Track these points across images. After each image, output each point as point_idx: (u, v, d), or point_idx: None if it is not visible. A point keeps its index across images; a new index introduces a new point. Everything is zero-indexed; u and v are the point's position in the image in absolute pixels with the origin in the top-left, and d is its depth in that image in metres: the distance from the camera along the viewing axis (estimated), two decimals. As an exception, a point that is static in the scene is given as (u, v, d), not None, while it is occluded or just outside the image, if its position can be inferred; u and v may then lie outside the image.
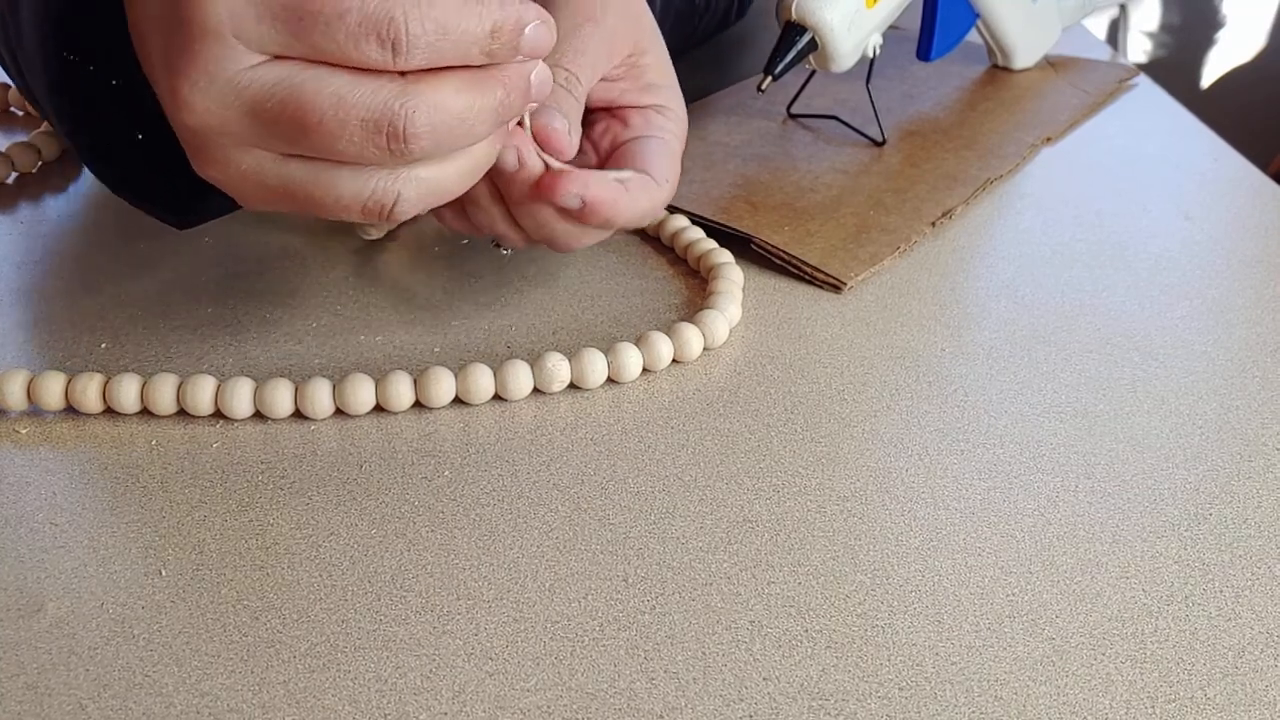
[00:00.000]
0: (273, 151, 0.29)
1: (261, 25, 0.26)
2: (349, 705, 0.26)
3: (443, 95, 0.28)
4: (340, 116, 0.27)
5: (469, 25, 0.27)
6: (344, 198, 0.29)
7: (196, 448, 0.35)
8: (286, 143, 0.28)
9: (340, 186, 0.29)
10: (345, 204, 0.29)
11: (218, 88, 0.27)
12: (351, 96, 0.27)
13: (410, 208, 0.30)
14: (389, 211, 0.30)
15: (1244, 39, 1.71)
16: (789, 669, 0.27)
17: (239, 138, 0.28)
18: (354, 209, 0.29)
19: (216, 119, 0.28)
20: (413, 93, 0.27)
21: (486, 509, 0.33)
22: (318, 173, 0.29)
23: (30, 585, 0.30)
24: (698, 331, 0.39)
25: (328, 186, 0.29)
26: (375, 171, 0.29)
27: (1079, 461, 0.35)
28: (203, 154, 0.29)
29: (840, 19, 0.50)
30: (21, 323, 0.41)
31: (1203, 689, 0.27)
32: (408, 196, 0.29)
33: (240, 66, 0.27)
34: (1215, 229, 0.50)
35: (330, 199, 0.29)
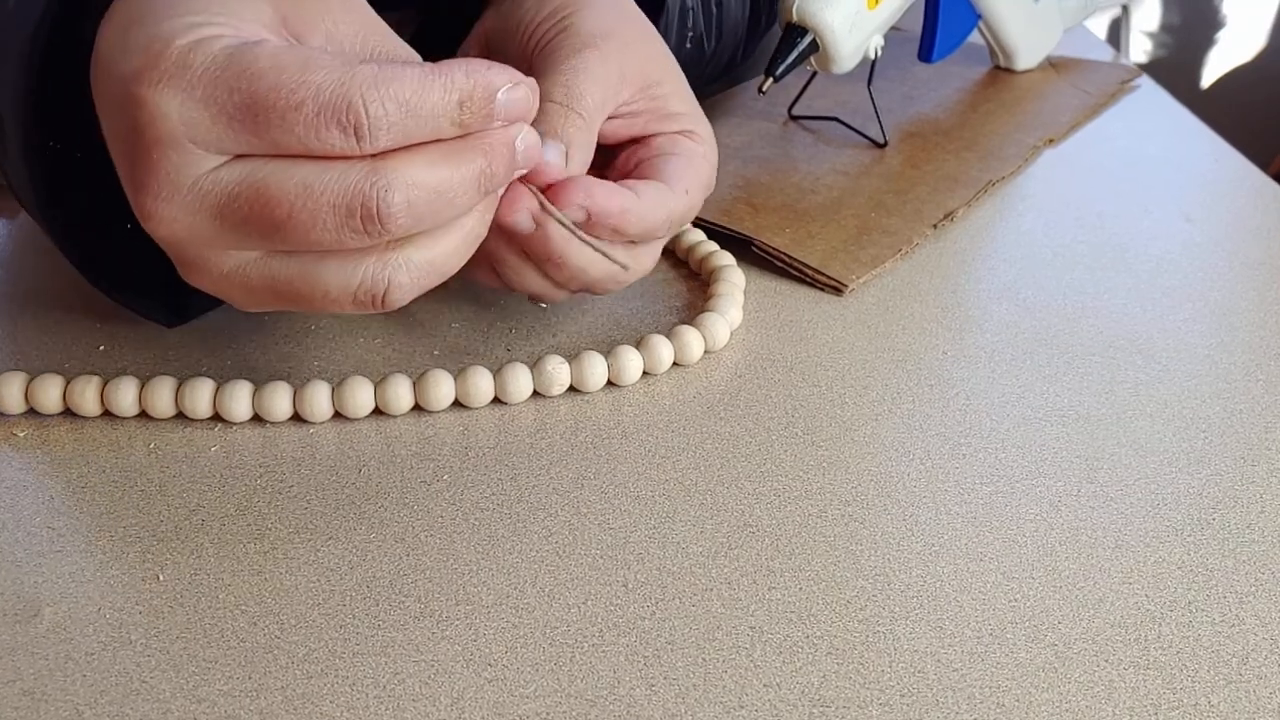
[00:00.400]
0: (251, 251, 0.28)
1: (216, 127, 0.26)
2: (347, 711, 0.26)
3: (415, 171, 0.27)
4: (310, 206, 0.26)
5: (434, 99, 0.26)
6: (331, 291, 0.28)
7: (195, 451, 0.35)
8: (261, 240, 0.27)
9: (327, 279, 0.28)
10: (334, 298, 0.28)
11: (181, 196, 0.27)
12: (319, 184, 0.26)
13: (405, 294, 0.29)
14: (382, 300, 0.29)
15: (1244, 39, 1.71)
16: (790, 675, 0.27)
17: (212, 242, 0.27)
18: (344, 302, 0.28)
19: (184, 227, 0.27)
20: (383, 171, 0.26)
21: (485, 513, 0.32)
22: (302, 267, 0.28)
23: (27, 590, 0.29)
24: (698, 334, 0.39)
25: (313, 281, 0.28)
26: (363, 259, 0.28)
27: (1081, 465, 0.35)
28: (183, 263, 0.29)
29: (841, 20, 0.50)
30: (19, 325, 0.41)
31: (1206, 695, 0.27)
32: (400, 282, 0.28)
33: (200, 171, 0.26)
34: (1217, 231, 0.49)
35: (318, 294, 0.28)
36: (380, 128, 0.26)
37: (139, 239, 0.33)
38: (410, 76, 0.26)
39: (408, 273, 0.28)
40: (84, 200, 0.35)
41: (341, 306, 0.29)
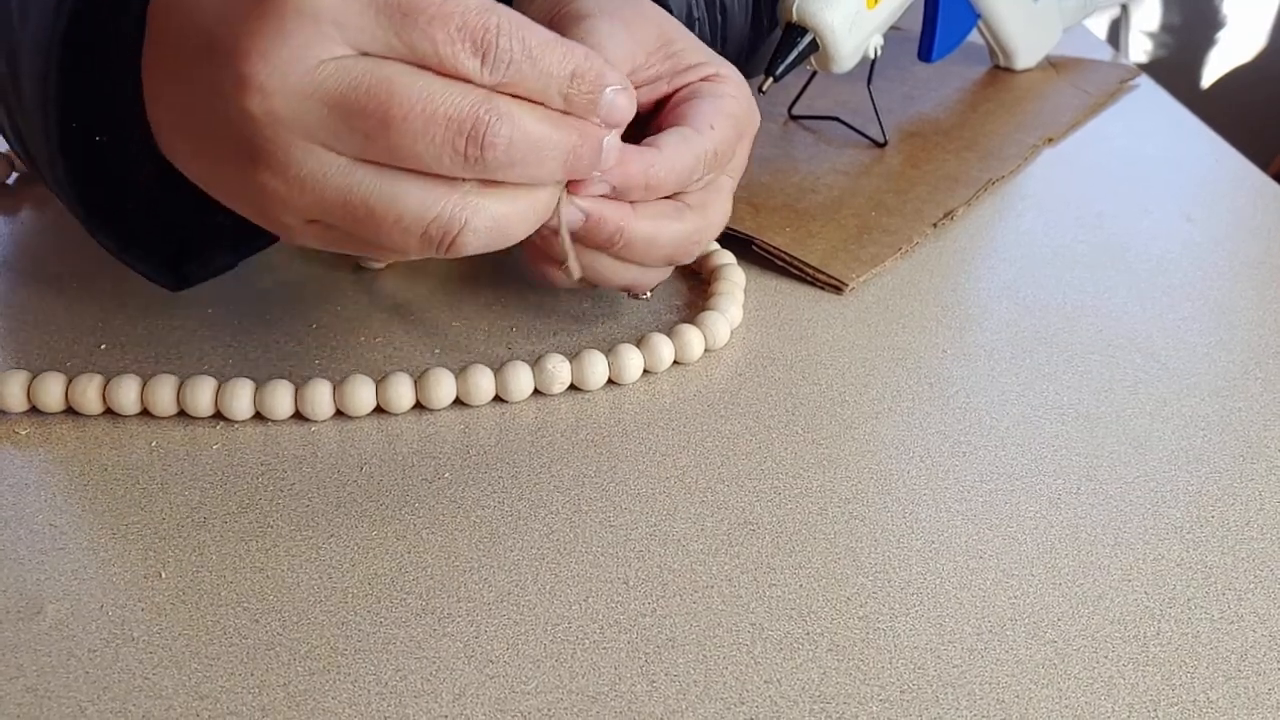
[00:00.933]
0: (341, 153, 0.28)
1: (364, 16, 0.26)
2: (349, 708, 0.26)
3: (523, 115, 0.28)
4: (427, 113, 0.27)
5: (554, 59, 0.28)
6: (406, 217, 0.28)
7: (196, 449, 0.35)
8: (362, 139, 0.27)
9: (406, 202, 0.28)
10: (407, 224, 0.28)
11: (299, 74, 0.26)
12: (440, 95, 0.27)
13: (475, 240, 0.29)
14: (451, 240, 0.29)
15: (1244, 39, 1.71)
16: (790, 672, 0.27)
17: (309, 132, 0.27)
18: (415, 231, 0.28)
19: (288, 108, 0.27)
20: (498, 102, 0.28)
21: (487, 511, 0.32)
22: (386, 184, 0.28)
23: (30, 587, 0.30)
24: (699, 333, 0.39)
25: (392, 200, 0.28)
26: (447, 194, 0.28)
27: (1081, 463, 0.35)
28: (261, 154, 0.28)
29: (841, 20, 0.50)
30: (21, 323, 0.41)
31: (1205, 692, 0.27)
32: (475, 227, 0.29)
33: (328, 55, 0.27)
34: (1216, 230, 0.50)
35: (392, 216, 0.28)
36: (504, 60, 0.27)
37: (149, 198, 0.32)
38: (541, 30, 0.28)
39: (483, 219, 0.29)
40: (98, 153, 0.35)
41: (408, 240, 0.29)
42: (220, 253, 0.38)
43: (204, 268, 0.38)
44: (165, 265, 0.38)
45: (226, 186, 0.30)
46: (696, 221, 0.36)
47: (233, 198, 0.31)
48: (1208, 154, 0.58)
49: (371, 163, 0.28)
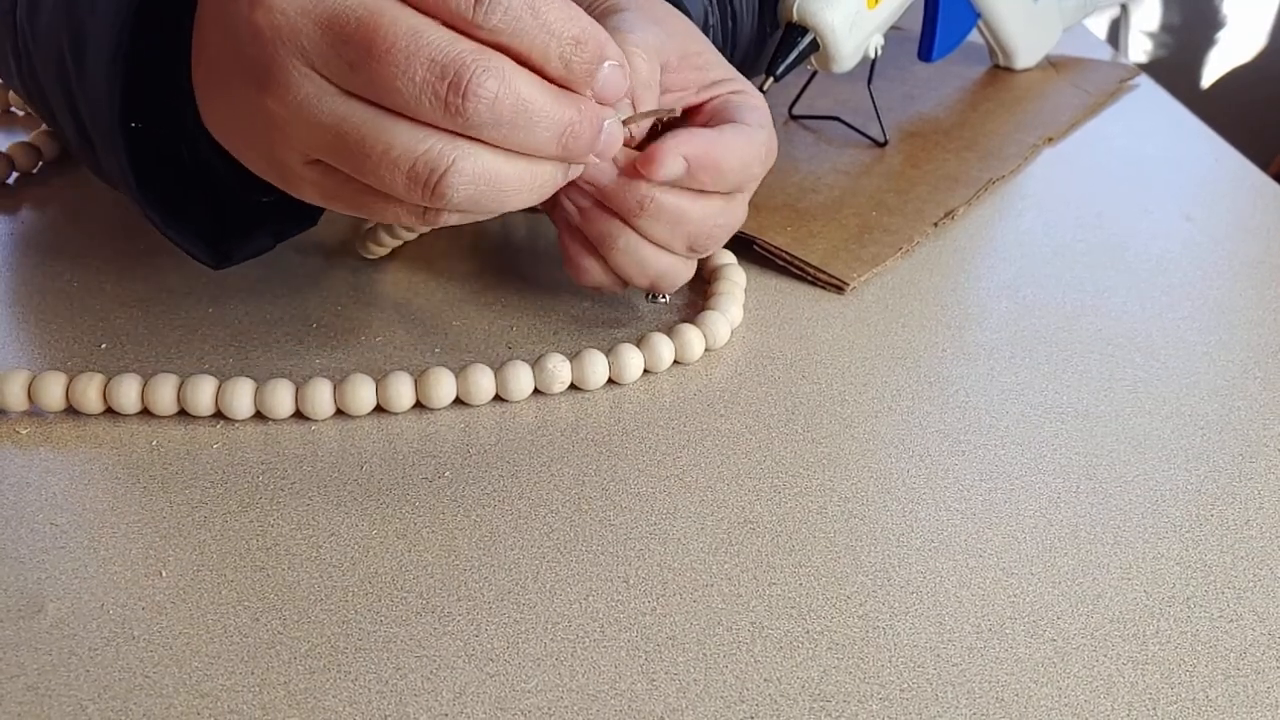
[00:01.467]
0: (332, 80, 0.28)
1: None
2: (349, 706, 0.26)
3: (517, 76, 0.28)
4: (411, 49, 0.26)
5: (558, 18, 0.28)
6: (395, 148, 0.28)
7: (197, 448, 0.35)
8: (348, 67, 0.27)
9: (395, 135, 0.28)
10: (395, 157, 0.28)
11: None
12: (429, 35, 0.27)
13: (462, 185, 0.28)
14: (438, 180, 0.28)
15: (1244, 39, 1.71)
16: (790, 670, 0.27)
17: (304, 53, 0.27)
18: (403, 164, 0.28)
19: (290, 25, 0.27)
20: (490, 56, 0.27)
21: (487, 510, 0.33)
22: (376, 116, 0.28)
23: (30, 586, 0.30)
24: (699, 333, 0.39)
25: (381, 132, 0.28)
26: (436, 132, 0.28)
27: (1080, 462, 0.35)
28: (265, 74, 0.28)
29: (841, 20, 0.50)
30: (22, 323, 0.41)
31: (1204, 690, 0.27)
32: (462, 169, 0.28)
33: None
34: (1216, 230, 0.50)
35: (380, 147, 0.28)
36: (499, 7, 0.27)
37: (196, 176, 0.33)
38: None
39: (472, 164, 0.28)
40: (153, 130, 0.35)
41: (395, 175, 0.28)
42: (260, 233, 0.39)
43: (244, 247, 0.39)
44: (207, 243, 0.38)
45: (239, 123, 0.31)
46: (722, 204, 0.37)
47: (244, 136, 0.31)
48: (1207, 154, 0.58)
49: (363, 100, 0.28)
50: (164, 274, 0.44)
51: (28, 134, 0.54)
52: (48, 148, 0.53)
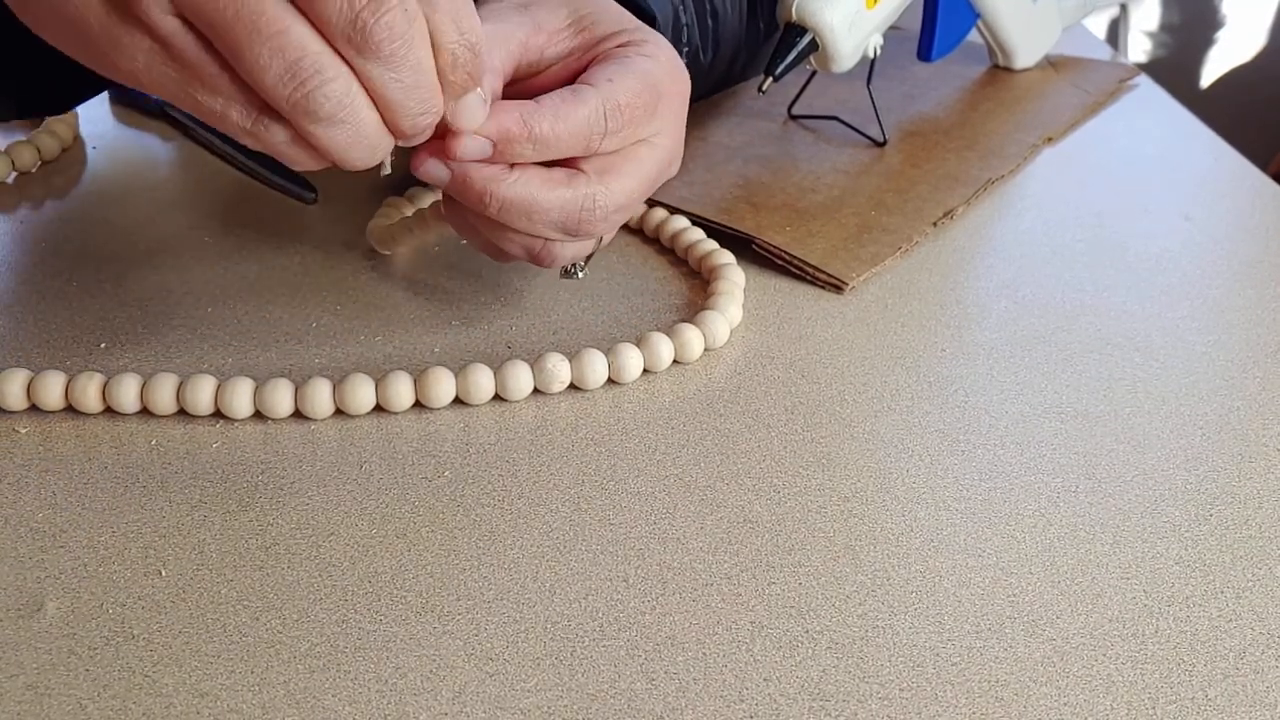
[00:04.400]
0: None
1: None
2: (349, 705, 0.26)
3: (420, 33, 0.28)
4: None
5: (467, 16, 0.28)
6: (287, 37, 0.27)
7: (196, 448, 0.35)
8: None
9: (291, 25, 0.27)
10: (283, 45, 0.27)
11: None
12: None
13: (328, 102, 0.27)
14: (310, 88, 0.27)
15: (1244, 39, 1.71)
16: (790, 670, 0.27)
17: None
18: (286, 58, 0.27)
19: None
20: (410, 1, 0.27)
21: (487, 509, 0.33)
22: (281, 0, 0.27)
23: (30, 585, 0.30)
24: (698, 332, 0.39)
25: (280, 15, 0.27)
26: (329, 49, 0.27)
27: (1079, 462, 0.35)
28: None
29: (841, 20, 0.50)
30: (21, 322, 0.41)
31: (1204, 690, 0.27)
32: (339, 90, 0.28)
33: None
34: (1215, 229, 0.50)
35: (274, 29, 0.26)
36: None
37: None
38: None
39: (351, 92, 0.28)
40: None
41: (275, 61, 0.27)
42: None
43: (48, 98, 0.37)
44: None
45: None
46: (589, 188, 0.34)
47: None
48: (1207, 154, 0.58)
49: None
50: (164, 274, 0.44)
51: (27, 134, 0.54)
52: (47, 148, 0.53)
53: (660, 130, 0.36)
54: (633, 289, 0.44)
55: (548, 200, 0.34)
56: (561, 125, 0.33)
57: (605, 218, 0.35)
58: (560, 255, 0.37)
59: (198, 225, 0.48)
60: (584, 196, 0.34)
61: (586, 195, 0.34)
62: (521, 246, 0.36)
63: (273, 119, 0.29)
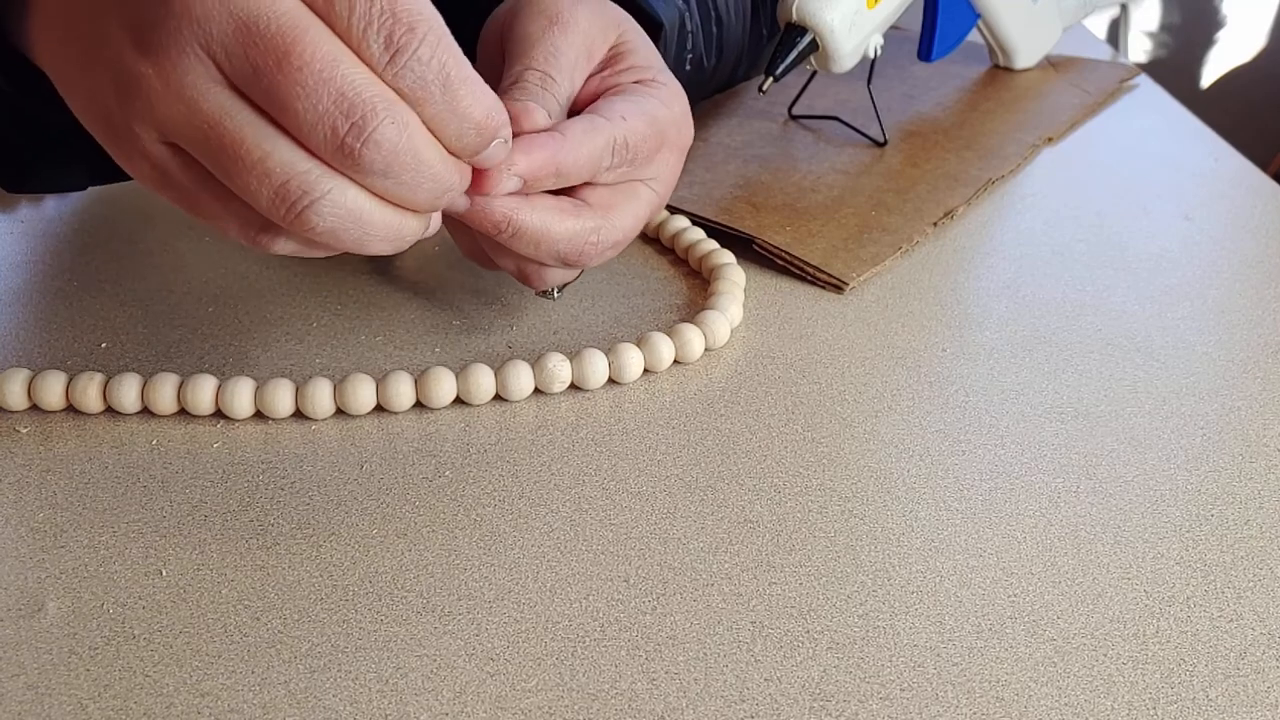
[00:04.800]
0: (228, 76, 0.26)
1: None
2: (350, 705, 0.26)
3: (418, 134, 0.27)
4: (325, 75, 0.26)
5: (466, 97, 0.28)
6: (270, 162, 0.27)
7: (197, 447, 0.35)
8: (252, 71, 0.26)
9: (274, 149, 0.27)
10: (267, 170, 0.27)
11: None
12: (345, 68, 0.26)
13: (329, 215, 0.28)
14: (305, 207, 0.27)
15: (1244, 39, 1.71)
16: (790, 670, 0.27)
17: (210, 39, 0.26)
18: (276, 179, 0.27)
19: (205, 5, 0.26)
20: (398, 109, 0.27)
21: (487, 509, 0.33)
22: (261, 122, 0.27)
23: (31, 585, 0.30)
24: (699, 332, 0.39)
25: (260, 142, 0.26)
26: (317, 162, 0.27)
27: (1080, 462, 0.35)
28: (155, 41, 0.26)
29: (841, 20, 0.50)
30: (22, 322, 0.41)
31: (1204, 690, 0.27)
32: (335, 202, 0.27)
33: None
34: (1216, 229, 0.50)
35: (258, 154, 0.26)
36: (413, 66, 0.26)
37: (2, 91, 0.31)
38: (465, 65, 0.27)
39: (345, 200, 0.28)
40: None
41: (261, 188, 0.27)
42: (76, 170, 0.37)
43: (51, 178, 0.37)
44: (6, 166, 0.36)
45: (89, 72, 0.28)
46: (594, 221, 0.35)
47: (98, 92, 0.28)
48: (1207, 154, 0.58)
49: (254, 105, 0.27)
50: (164, 274, 0.44)
51: (27, 133, 0.54)
52: (47, 147, 0.53)
53: (657, 176, 0.37)
54: (633, 289, 0.44)
55: (558, 231, 0.34)
56: (581, 155, 0.34)
57: (602, 252, 0.36)
58: (549, 279, 0.38)
59: (198, 225, 0.48)
60: (590, 230, 0.35)
61: (592, 229, 0.35)
62: (515, 265, 0.37)
63: (277, 232, 0.29)
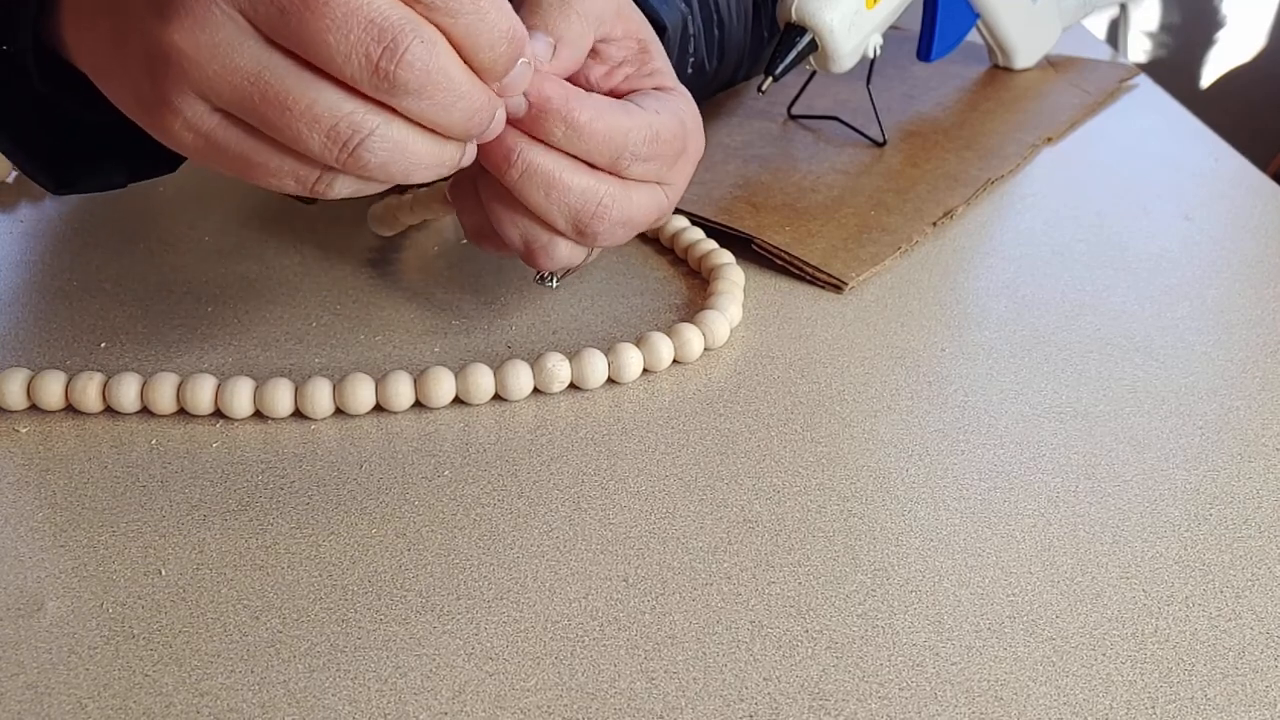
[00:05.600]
0: (257, 26, 0.26)
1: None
2: (349, 705, 0.26)
3: (447, 53, 0.28)
4: (352, 7, 0.26)
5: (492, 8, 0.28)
6: (317, 107, 0.27)
7: (196, 447, 0.35)
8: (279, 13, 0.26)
9: (319, 95, 0.27)
10: (316, 115, 0.27)
11: None
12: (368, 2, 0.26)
13: (380, 149, 0.28)
14: (357, 144, 0.28)
15: (1244, 39, 1.71)
16: (789, 669, 0.27)
17: None
18: (325, 122, 0.27)
19: None
20: (426, 28, 0.27)
21: (487, 509, 0.33)
22: (299, 69, 0.27)
23: (30, 584, 0.30)
24: (698, 332, 0.39)
25: (304, 89, 0.27)
26: (358, 97, 0.27)
27: (1079, 462, 0.35)
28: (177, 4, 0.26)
29: (840, 20, 0.50)
30: (21, 322, 0.41)
31: (1203, 689, 0.27)
32: (384, 136, 0.28)
33: None
34: (1215, 229, 0.50)
35: (303, 105, 0.27)
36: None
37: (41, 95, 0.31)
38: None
39: (393, 133, 0.28)
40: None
41: (315, 132, 0.27)
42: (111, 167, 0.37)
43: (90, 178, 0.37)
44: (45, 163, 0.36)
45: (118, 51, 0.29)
46: (610, 186, 0.34)
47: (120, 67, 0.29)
48: (1207, 154, 0.58)
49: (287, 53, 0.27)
50: (164, 274, 0.44)
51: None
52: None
53: (673, 183, 0.37)
54: (633, 289, 0.44)
55: (570, 180, 0.34)
56: (600, 123, 0.33)
57: (611, 226, 0.35)
58: (556, 256, 0.36)
59: (198, 225, 0.48)
60: (604, 193, 0.34)
61: (607, 193, 0.34)
62: (522, 236, 0.36)
63: (334, 176, 0.30)
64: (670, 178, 0.37)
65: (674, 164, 0.36)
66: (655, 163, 0.35)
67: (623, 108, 0.34)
